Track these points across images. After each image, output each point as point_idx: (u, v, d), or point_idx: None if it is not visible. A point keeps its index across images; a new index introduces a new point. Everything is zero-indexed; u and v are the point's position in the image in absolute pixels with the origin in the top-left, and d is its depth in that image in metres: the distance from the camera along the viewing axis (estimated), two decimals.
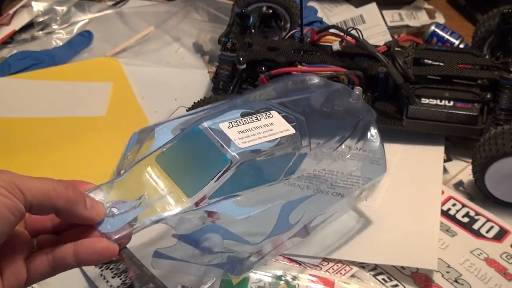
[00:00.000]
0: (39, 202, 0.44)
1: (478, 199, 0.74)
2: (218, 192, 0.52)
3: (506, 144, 0.68)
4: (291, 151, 0.56)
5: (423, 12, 1.01)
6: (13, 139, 0.84)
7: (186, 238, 0.53)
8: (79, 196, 0.47)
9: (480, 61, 0.78)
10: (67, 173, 0.78)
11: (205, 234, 0.53)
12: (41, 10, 1.02)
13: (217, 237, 0.53)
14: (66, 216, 0.46)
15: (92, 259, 0.47)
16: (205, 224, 0.53)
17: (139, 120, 0.86)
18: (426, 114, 0.76)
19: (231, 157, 0.52)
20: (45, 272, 0.47)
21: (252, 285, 0.61)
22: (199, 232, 0.53)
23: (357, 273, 0.65)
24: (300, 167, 0.57)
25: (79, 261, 0.47)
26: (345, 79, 0.79)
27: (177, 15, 1.02)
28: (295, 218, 0.58)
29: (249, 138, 0.55)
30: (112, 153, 0.82)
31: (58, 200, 0.45)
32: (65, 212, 0.46)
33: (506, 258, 0.67)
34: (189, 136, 0.55)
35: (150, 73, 0.94)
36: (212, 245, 0.54)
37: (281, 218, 0.57)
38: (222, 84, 0.82)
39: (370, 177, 0.64)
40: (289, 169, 0.57)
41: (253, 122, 0.56)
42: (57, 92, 0.91)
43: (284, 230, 0.58)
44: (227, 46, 0.81)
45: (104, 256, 0.47)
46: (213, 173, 0.52)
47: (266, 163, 0.55)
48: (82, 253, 0.47)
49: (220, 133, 0.54)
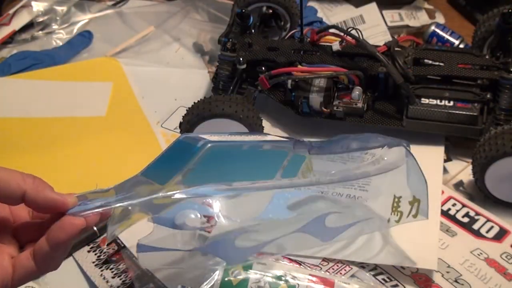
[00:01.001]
0: (7, 184, 0.47)
1: (478, 199, 0.74)
2: (194, 179, 0.52)
3: (506, 144, 0.68)
4: (276, 149, 0.56)
5: (423, 12, 1.01)
6: (13, 139, 0.84)
7: (161, 219, 0.53)
8: (45, 183, 0.49)
9: (480, 61, 0.78)
10: (67, 173, 0.79)
11: (179, 211, 0.53)
12: (41, 10, 1.02)
13: (191, 212, 0.53)
14: (34, 198, 0.48)
15: (59, 236, 0.47)
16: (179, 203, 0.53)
17: (139, 120, 0.87)
18: (426, 114, 0.76)
19: (201, 145, 0.53)
20: (29, 267, 0.48)
21: (252, 285, 0.61)
22: (173, 210, 0.53)
23: (357, 273, 0.65)
24: (301, 170, 0.57)
25: (50, 241, 0.47)
26: (345, 79, 0.79)
27: (177, 15, 1.02)
28: (294, 208, 0.58)
29: (228, 138, 0.55)
30: (112, 153, 0.82)
31: (26, 184, 0.47)
32: (32, 193, 0.47)
33: (506, 258, 0.67)
34: (170, 148, 0.56)
35: (150, 73, 0.94)
36: (187, 221, 0.53)
37: (275, 203, 0.56)
38: (222, 84, 0.82)
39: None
40: (287, 170, 0.56)
41: (240, 136, 0.57)
42: (57, 92, 0.91)
43: (278, 215, 0.57)
44: (227, 46, 0.81)
45: (69, 230, 0.47)
46: (185, 162, 0.53)
47: (251, 157, 0.55)
48: (51, 232, 0.47)
49: (198, 137, 0.55)
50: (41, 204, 0.48)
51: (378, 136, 0.63)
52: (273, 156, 0.57)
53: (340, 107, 0.78)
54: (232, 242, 0.57)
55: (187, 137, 0.56)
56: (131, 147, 0.82)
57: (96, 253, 0.69)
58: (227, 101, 0.74)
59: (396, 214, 0.63)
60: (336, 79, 0.79)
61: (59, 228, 0.47)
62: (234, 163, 0.55)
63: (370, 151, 0.62)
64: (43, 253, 0.48)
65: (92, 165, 0.80)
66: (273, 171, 0.56)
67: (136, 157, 0.81)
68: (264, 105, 0.85)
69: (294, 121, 0.83)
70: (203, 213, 0.54)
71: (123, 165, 0.80)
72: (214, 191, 0.53)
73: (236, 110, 0.73)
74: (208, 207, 0.54)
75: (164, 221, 0.53)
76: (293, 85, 0.79)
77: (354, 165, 0.61)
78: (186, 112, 0.76)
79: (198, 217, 0.54)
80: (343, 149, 0.63)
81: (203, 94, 0.89)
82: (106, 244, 0.70)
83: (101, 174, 0.78)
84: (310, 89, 0.78)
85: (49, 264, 0.49)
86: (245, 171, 0.55)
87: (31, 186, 0.48)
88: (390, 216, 0.63)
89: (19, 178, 0.48)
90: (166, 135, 0.84)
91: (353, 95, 0.78)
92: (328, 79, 0.78)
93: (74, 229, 0.48)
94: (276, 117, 0.85)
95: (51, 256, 0.48)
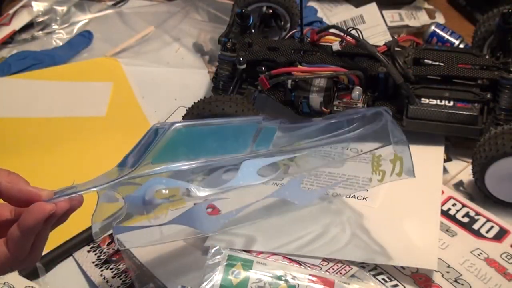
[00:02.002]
0: None
1: (478, 199, 0.74)
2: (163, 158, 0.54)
3: (506, 144, 0.68)
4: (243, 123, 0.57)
5: (423, 12, 1.01)
6: (13, 139, 0.84)
7: (131, 197, 0.54)
8: (20, 177, 0.51)
9: (480, 61, 0.78)
10: (67, 173, 0.79)
11: (148, 187, 0.54)
12: (41, 10, 1.02)
13: (159, 186, 0.54)
14: (9, 191, 0.49)
15: (28, 220, 0.48)
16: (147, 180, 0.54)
17: (139, 120, 0.87)
18: (426, 114, 0.76)
19: (168, 127, 0.54)
20: (2, 252, 0.49)
21: (252, 285, 0.61)
22: (143, 187, 0.54)
23: (357, 273, 0.65)
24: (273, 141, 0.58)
25: (20, 227, 0.48)
26: (345, 79, 0.79)
27: (177, 15, 1.02)
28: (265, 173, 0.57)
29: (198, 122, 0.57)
30: (112, 153, 0.82)
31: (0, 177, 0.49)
32: (7, 187, 0.49)
33: (506, 258, 0.67)
34: (142, 138, 0.57)
35: (150, 73, 0.94)
36: (156, 195, 0.55)
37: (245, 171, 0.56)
38: (222, 84, 0.82)
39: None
40: (260, 141, 0.57)
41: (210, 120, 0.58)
42: (57, 92, 0.91)
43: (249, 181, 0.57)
44: (227, 46, 0.81)
45: (37, 214, 0.48)
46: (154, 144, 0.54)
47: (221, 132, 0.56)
48: (21, 218, 0.49)
49: (167, 123, 0.56)
50: (15, 196, 0.50)
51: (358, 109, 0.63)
52: (244, 130, 0.57)
53: (340, 107, 0.78)
54: (203, 211, 0.57)
55: (159, 124, 0.57)
56: (131, 147, 0.82)
57: (96, 253, 0.69)
58: (227, 101, 0.74)
59: (377, 173, 0.62)
60: (336, 79, 0.79)
61: (28, 213, 0.49)
62: (204, 141, 0.56)
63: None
64: (14, 238, 0.49)
65: (92, 165, 0.80)
66: (245, 144, 0.57)
67: None
68: (264, 105, 0.85)
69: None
70: (170, 186, 0.55)
71: None
72: (180, 166, 0.54)
73: (236, 110, 0.73)
74: (176, 180, 0.55)
75: (135, 199, 0.54)
76: (293, 85, 0.79)
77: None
78: (186, 112, 0.76)
79: (167, 191, 0.55)
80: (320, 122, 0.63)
81: (203, 94, 0.89)
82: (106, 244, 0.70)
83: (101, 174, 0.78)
84: (310, 89, 0.78)
85: (21, 250, 0.50)
86: (217, 147, 0.56)
87: (6, 179, 0.50)
88: (371, 175, 0.63)
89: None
90: None
91: (353, 95, 0.78)
92: (328, 79, 0.78)
93: (42, 213, 0.48)
94: (276, 117, 0.85)
95: (22, 241, 0.49)
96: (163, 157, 0.54)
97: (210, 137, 0.56)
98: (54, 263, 0.69)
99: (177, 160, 0.54)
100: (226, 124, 0.58)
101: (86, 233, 0.70)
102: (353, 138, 0.61)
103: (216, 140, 0.57)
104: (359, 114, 0.62)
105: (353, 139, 0.61)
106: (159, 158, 0.54)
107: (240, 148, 0.57)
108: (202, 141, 0.56)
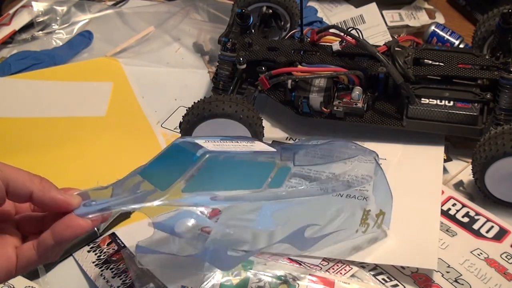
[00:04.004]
0: (14, 183, 0.49)
1: (478, 199, 0.74)
2: (193, 187, 0.55)
3: (506, 144, 0.68)
4: (265, 160, 0.60)
5: (423, 12, 1.01)
6: (13, 139, 0.84)
7: (161, 225, 0.56)
8: (51, 184, 0.52)
9: (480, 61, 0.78)
10: (67, 173, 0.79)
11: (179, 219, 0.56)
12: (41, 10, 1.02)
13: (190, 221, 0.56)
14: (41, 198, 0.50)
15: (65, 234, 0.50)
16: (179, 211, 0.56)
17: (139, 120, 0.87)
18: (426, 114, 0.76)
19: (200, 154, 0.55)
20: (31, 256, 0.50)
21: (252, 285, 0.61)
22: (173, 218, 0.56)
23: (357, 273, 0.65)
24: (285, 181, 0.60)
25: (55, 237, 0.50)
26: (345, 79, 0.79)
27: (177, 15, 1.02)
28: (280, 218, 0.60)
29: (223, 147, 0.58)
30: (112, 153, 0.82)
31: (32, 184, 0.50)
32: (39, 193, 0.50)
33: (506, 258, 0.67)
34: (167, 151, 0.58)
35: (150, 73, 0.94)
36: (186, 229, 0.57)
37: (263, 214, 0.59)
38: (222, 84, 0.82)
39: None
40: (274, 181, 0.59)
41: (231, 142, 0.60)
42: (57, 92, 0.91)
43: (266, 226, 0.60)
44: (227, 46, 0.81)
45: (75, 230, 0.50)
46: (184, 169, 0.55)
47: (243, 168, 0.58)
48: (57, 229, 0.50)
49: (194, 144, 0.58)
50: (47, 204, 0.51)
51: (351, 145, 0.67)
52: (262, 167, 0.60)
53: (340, 107, 0.78)
54: (225, 251, 0.59)
55: (184, 142, 0.59)
56: (131, 147, 0.82)
57: (96, 253, 0.69)
58: (227, 101, 0.74)
59: (363, 226, 0.66)
60: (336, 79, 0.79)
61: (66, 226, 0.50)
62: (228, 172, 0.58)
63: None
64: (46, 246, 0.50)
65: (92, 165, 0.80)
66: (261, 180, 0.59)
67: (136, 157, 0.81)
68: (264, 105, 0.85)
69: (294, 121, 0.83)
70: (201, 223, 0.57)
71: (123, 165, 0.79)
72: (211, 201, 0.56)
73: (236, 110, 0.73)
74: (205, 218, 0.58)
75: (164, 227, 0.56)
76: (293, 85, 0.79)
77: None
78: (186, 112, 0.76)
79: (196, 227, 0.58)
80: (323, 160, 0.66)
81: (203, 94, 0.89)
82: (106, 244, 0.70)
83: (101, 174, 0.78)
84: (310, 89, 0.78)
85: (50, 256, 0.51)
86: (237, 180, 0.58)
87: (38, 187, 0.50)
88: (358, 227, 0.66)
89: (26, 179, 0.50)
90: (166, 135, 0.84)
91: (353, 95, 0.78)
92: (328, 79, 0.78)
93: (80, 229, 0.51)
94: (276, 117, 0.85)
95: (54, 249, 0.51)
96: (192, 186, 0.55)
97: (232, 169, 0.58)
98: (54, 263, 0.69)
99: (204, 190, 0.56)
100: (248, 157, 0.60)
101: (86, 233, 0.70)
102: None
103: (237, 173, 0.59)
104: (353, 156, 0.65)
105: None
106: (189, 187, 0.55)
107: (257, 184, 0.59)
108: (225, 173, 0.58)
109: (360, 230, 0.66)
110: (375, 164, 0.65)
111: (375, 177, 0.65)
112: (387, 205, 0.66)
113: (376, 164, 0.65)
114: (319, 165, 0.65)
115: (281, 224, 0.61)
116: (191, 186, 0.55)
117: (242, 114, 0.73)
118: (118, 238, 0.70)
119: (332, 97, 0.79)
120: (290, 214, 0.62)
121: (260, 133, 0.76)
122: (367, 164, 0.65)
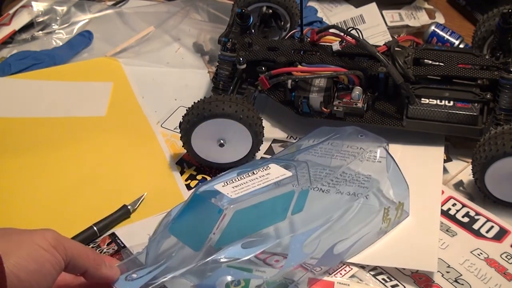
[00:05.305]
0: (75, 260, 0.53)
1: (478, 199, 0.74)
2: (223, 240, 0.58)
3: (506, 144, 0.68)
4: (287, 191, 0.61)
5: (423, 12, 1.01)
6: (13, 139, 0.84)
7: (203, 286, 0.58)
8: (102, 258, 0.56)
9: (480, 61, 0.78)
10: (67, 173, 0.79)
11: (218, 278, 0.58)
12: (41, 10, 1.02)
13: (229, 278, 0.58)
14: (93, 274, 0.55)
15: None
16: (216, 270, 0.58)
17: (139, 120, 0.86)
18: (426, 114, 0.76)
19: (224, 208, 0.57)
20: None
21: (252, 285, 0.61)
22: (213, 278, 0.57)
23: (357, 273, 0.65)
24: (306, 203, 0.62)
25: None
26: (345, 79, 0.79)
27: (177, 15, 1.02)
28: (310, 247, 0.61)
29: (242, 189, 0.59)
30: (112, 153, 0.82)
31: (88, 261, 0.54)
32: (92, 271, 0.55)
33: (506, 258, 0.67)
34: (191, 202, 0.60)
35: (150, 73, 0.94)
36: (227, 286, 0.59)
37: (293, 249, 0.60)
38: (222, 84, 0.82)
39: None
40: (295, 207, 0.61)
41: (248, 176, 0.61)
42: (57, 92, 0.91)
43: (299, 260, 0.61)
44: (227, 46, 0.81)
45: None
46: (212, 225, 0.58)
47: (266, 206, 0.60)
48: None
49: (214, 192, 0.59)
50: (97, 280, 0.55)
51: (359, 133, 0.69)
52: (283, 198, 0.62)
53: (340, 107, 0.78)
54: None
55: (205, 191, 0.60)
56: (131, 147, 0.82)
57: None
58: (227, 101, 0.74)
59: (385, 222, 0.67)
60: (336, 79, 0.79)
61: None
62: (252, 215, 0.60)
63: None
64: None
65: (92, 165, 0.80)
66: (284, 212, 0.61)
67: (136, 157, 0.81)
68: (264, 105, 0.85)
69: (294, 121, 0.83)
70: (238, 277, 0.59)
71: (123, 165, 0.80)
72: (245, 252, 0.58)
73: (236, 110, 0.73)
74: (242, 272, 0.59)
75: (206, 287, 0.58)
76: (293, 85, 0.79)
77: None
78: (186, 112, 0.76)
79: (236, 282, 0.60)
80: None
81: (203, 94, 0.89)
82: (106, 244, 0.70)
83: (101, 174, 0.78)
84: (310, 89, 0.78)
85: None
86: (262, 220, 0.61)
87: (93, 264, 0.55)
88: (381, 225, 0.67)
89: (84, 256, 0.54)
90: (166, 135, 0.84)
91: (353, 95, 0.78)
92: (328, 79, 0.78)
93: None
94: (276, 117, 0.85)
95: None
96: (222, 240, 0.58)
97: (256, 211, 0.60)
98: None
99: (233, 241, 0.58)
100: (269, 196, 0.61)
101: (86, 233, 0.70)
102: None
103: (260, 214, 0.60)
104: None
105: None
106: (219, 241, 0.58)
107: (280, 216, 0.61)
108: (250, 218, 0.60)
109: (383, 227, 0.67)
110: (385, 159, 0.67)
111: (388, 173, 0.66)
112: (404, 194, 0.67)
113: (388, 155, 0.67)
114: (333, 173, 0.67)
115: (312, 252, 0.62)
116: (221, 241, 0.57)
117: (242, 114, 0.73)
118: (118, 238, 0.70)
119: (332, 97, 0.79)
120: (318, 237, 0.62)
121: (260, 133, 0.76)
122: (376, 163, 0.67)
